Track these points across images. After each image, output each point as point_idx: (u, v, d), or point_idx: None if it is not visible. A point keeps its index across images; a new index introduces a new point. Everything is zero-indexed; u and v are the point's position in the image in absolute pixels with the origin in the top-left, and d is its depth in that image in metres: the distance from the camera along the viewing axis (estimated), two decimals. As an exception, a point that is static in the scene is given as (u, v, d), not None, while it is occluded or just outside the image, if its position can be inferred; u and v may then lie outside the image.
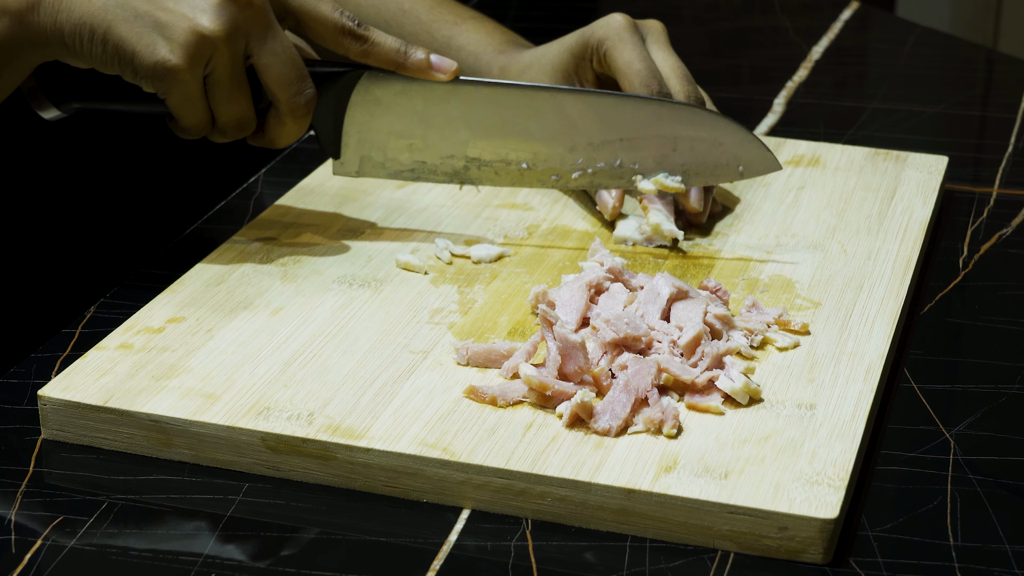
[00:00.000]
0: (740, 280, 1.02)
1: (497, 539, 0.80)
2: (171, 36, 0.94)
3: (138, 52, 0.94)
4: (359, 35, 1.01)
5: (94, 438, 0.87)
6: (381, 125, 1.06)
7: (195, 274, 1.01)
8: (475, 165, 1.07)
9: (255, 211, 1.15)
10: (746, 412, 0.86)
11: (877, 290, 1.00)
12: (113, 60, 0.95)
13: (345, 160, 1.07)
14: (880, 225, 1.09)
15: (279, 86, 0.99)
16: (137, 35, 0.94)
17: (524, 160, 1.06)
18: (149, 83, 0.96)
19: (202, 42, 0.95)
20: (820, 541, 0.78)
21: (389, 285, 1.01)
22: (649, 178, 1.05)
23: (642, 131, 1.05)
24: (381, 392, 0.88)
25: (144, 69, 0.95)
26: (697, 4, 1.71)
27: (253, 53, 0.98)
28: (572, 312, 0.94)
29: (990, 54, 1.61)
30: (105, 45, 0.95)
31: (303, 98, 1.00)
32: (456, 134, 1.06)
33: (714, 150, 1.05)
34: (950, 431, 0.88)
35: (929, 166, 1.19)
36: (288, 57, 0.99)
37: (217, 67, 0.96)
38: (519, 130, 1.05)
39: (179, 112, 0.98)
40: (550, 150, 1.06)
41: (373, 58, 1.03)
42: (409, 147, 1.06)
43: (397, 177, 1.07)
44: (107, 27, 0.94)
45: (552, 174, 1.06)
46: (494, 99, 1.05)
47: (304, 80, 1.00)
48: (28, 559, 0.78)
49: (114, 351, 0.92)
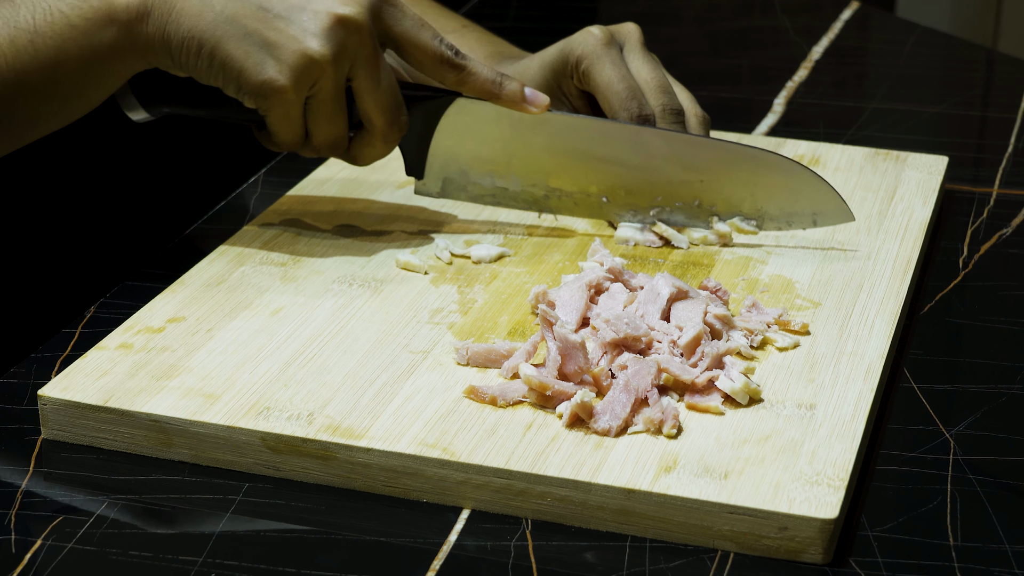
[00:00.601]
0: (740, 280, 1.02)
1: (497, 539, 0.80)
2: (280, 57, 0.96)
3: (246, 70, 0.96)
4: (457, 64, 1.03)
5: (94, 438, 0.87)
6: (467, 150, 1.08)
7: (195, 274, 1.01)
8: (555, 195, 1.09)
9: (255, 211, 1.15)
10: (746, 412, 0.86)
11: (877, 290, 1.00)
12: (218, 75, 0.97)
13: (428, 181, 1.09)
14: (880, 225, 1.09)
15: (377, 112, 1.01)
16: (246, 53, 0.95)
17: (604, 194, 1.08)
18: (252, 100, 0.98)
19: (310, 65, 0.96)
20: (820, 541, 0.78)
21: (389, 285, 1.01)
22: (726, 220, 1.07)
23: (722, 174, 1.06)
24: (381, 392, 0.88)
25: (250, 87, 0.96)
26: (697, 4, 1.71)
27: (356, 77, 0.99)
28: (572, 312, 0.94)
29: (990, 54, 1.61)
30: (212, 60, 0.96)
31: (397, 124, 1.02)
32: (539, 164, 1.08)
33: (790, 197, 1.06)
34: (950, 431, 0.88)
35: (929, 166, 1.19)
36: (388, 84, 1.00)
37: (321, 89, 0.98)
38: (602, 164, 1.07)
39: (276, 128, 1.00)
40: (630, 186, 1.07)
41: (468, 87, 1.04)
42: (492, 173, 1.08)
43: (478, 201, 1.09)
44: (215, 43, 0.95)
45: (630, 209, 1.08)
46: (579, 132, 1.06)
47: (400, 108, 1.02)
48: (28, 559, 0.78)
49: (114, 351, 0.92)
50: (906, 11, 2.72)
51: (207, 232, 1.12)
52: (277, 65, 0.96)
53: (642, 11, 1.66)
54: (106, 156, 1.24)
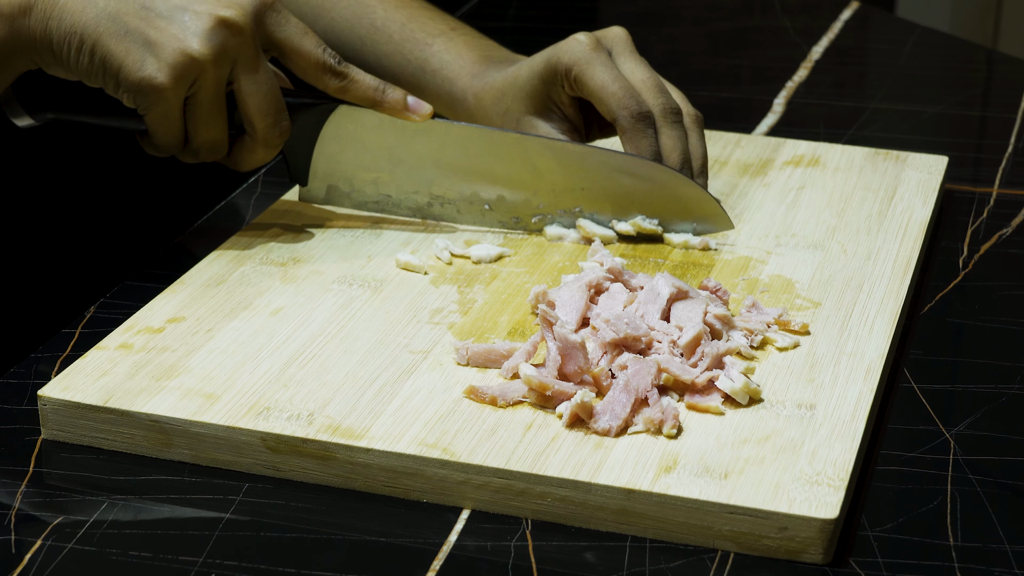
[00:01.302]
0: (740, 280, 1.02)
1: (497, 539, 0.80)
2: (160, 55, 0.96)
3: (125, 67, 0.96)
4: (339, 72, 1.04)
5: (94, 438, 0.87)
6: (350, 157, 1.08)
7: (195, 274, 1.01)
8: (439, 202, 1.09)
9: (255, 211, 1.15)
10: (746, 412, 0.86)
11: (877, 290, 1.00)
12: (99, 72, 0.96)
13: (312, 188, 1.09)
14: (880, 225, 1.09)
15: (258, 115, 1.01)
16: (126, 50, 0.95)
17: (487, 202, 1.08)
18: (131, 98, 0.97)
19: (190, 64, 0.96)
20: (820, 541, 0.78)
21: (389, 285, 1.01)
22: (627, 220, 1.07)
23: (602, 182, 1.07)
24: (381, 392, 0.88)
25: (129, 84, 0.96)
26: (697, 4, 1.71)
27: (236, 79, 1.00)
28: (572, 312, 0.94)
29: (990, 54, 1.61)
30: (92, 56, 0.96)
31: (278, 129, 1.02)
32: (423, 172, 1.08)
33: (670, 205, 1.07)
34: (950, 431, 0.88)
35: (929, 166, 1.19)
36: (269, 88, 1.01)
37: (201, 90, 0.98)
38: (485, 172, 1.08)
39: (156, 129, 0.99)
40: (513, 194, 1.08)
41: (351, 95, 1.05)
42: (376, 181, 1.09)
43: (362, 208, 1.10)
44: (96, 39, 0.95)
45: (513, 216, 1.08)
46: (463, 141, 1.07)
47: (281, 112, 1.02)
48: (28, 559, 0.78)
49: (114, 351, 0.92)
50: (906, 11, 2.72)
51: (207, 232, 1.12)
52: (157, 63, 0.96)
53: (642, 11, 1.66)
54: (106, 156, 1.24)
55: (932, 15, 2.74)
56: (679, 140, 1.06)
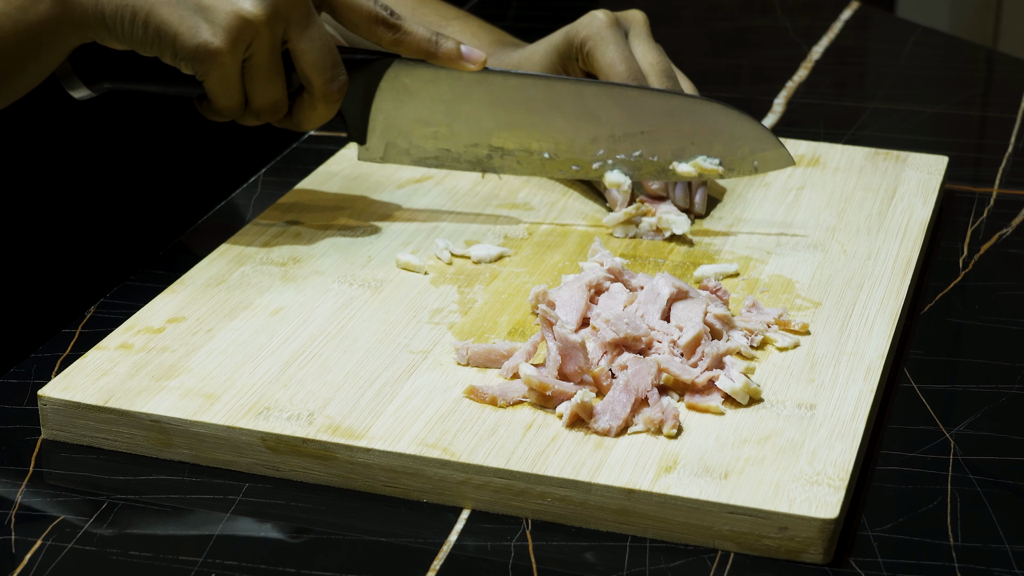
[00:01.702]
0: (740, 280, 1.02)
1: (497, 539, 0.80)
2: (214, 19, 0.96)
3: (180, 34, 0.96)
4: (392, 24, 1.03)
5: (94, 438, 0.87)
6: (408, 112, 1.08)
7: (195, 274, 1.01)
8: (498, 154, 1.09)
9: (255, 211, 1.15)
10: (746, 412, 0.86)
11: (877, 290, 1.00)
12: (154, 42, 0.97)
13: (371, 146, 1.09)
14: (880, 225, 1.09)
15: (314, 71, 1.00)
16: (179, 18, 0.95)
17: (546, 150, 1.08)
18: (189, 65, 0.97)
19: (244, 26, 0.96)
20: (820, 541, 0.78)
21: (389, 285, 1.01)
22: (688, 161, 1.07)
23: (662, 124, 1.06)
24: (381, 392, 0.88)
25: (185, 51, 0.96)
26: (697, 4, 1.71)
27: (291, 38, 0.99)
28: (572, 312, 0.94)
29: (990, 54, 1.61)
30: (147, 27, 0.96)
31: (336, 84, 1.02)
32: (481, 123, 1.08)
33: (730, 144, 1.06)
34: (950, 431, 0.88)
35: (929, 166, 1.19)
36: (324, 44, 1.00)
37: (257, 51, 0.98)
38: (542, 121, 1.07)
39: (215, 94, 0.99)
40: (572, 141, 1.08)
41: (404, 47, 1.04)
42: (434, 135, 1.08)
43: (421, 164, 1.09)
44: (149, 8, 0.95)
45: (573, 164, 1.08)
46: (519, 89, 1.07)
47: (338, 66, 1.02)
48: (28, 559, 0.78)
49: (114, 351, 0.92)
50: (906, 11, 2.72)
51: (207, 232, 1.12)
52: (211, 28, 0.96)
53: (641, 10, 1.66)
54: (106, 156, 1.24)
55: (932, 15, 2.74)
56: None
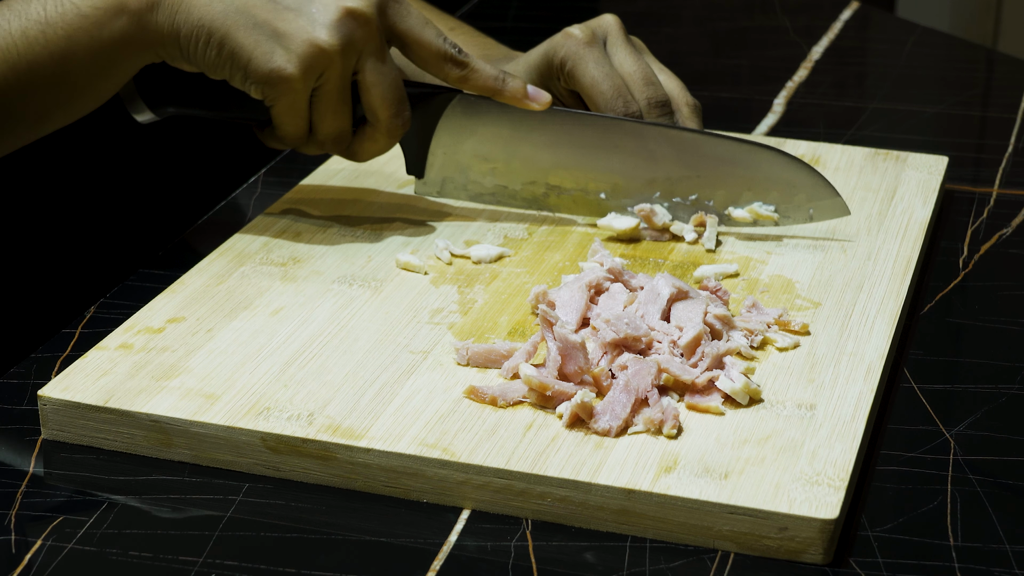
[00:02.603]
0: (740, 280, 1.02)
1: (497, 539, 0.80)
2: (289, 46, 0.97)
3: (254, 59, 0.97)
4: (460, 62, 1.04)
5: (94, 438, 0.87)
6: (467, 148, 1.08)
7: (195, 274, 1.01)
8: (555, 192, 1.09)
9: (255, 211, 1.15)
10: (746, 412, 0.86)
11: (877, 290, 1.00)
12: (226, 65, 0.98)
13: (428, 180, 1.10)
14: (880, 225, 1.09)
15: (382, 105, 1.02)
16: (255, 42, 0.97)
17: (603, 191, 1.08)
18: (259, 90, 0.99)
19: (319, 55, 0.97)
20: (820, 541, 0.78)
21: (389, 285, 1.01)
22: (744, 207, 1.07)
23: (719, 169, 1.07)
24: (381, 392, 0.88)
25: (258, 75, 0.97)
26: (697, 4, 1.71)
27: (362, 70, 1.01)
28: (572, 312, 0.94)
29: (990, 54, 1.61)
30: (221, 49, 0.97)
31: (401, 119, 1.03)
32: (539, 161, 1.08)
33: (787, 192, 1.07)
34: (950, 431, 0.88)
35: (929, 166, 1.19)
36: (393, 79, 1.02)
37: (328, 80, 0.99)
38: (601, 161, 1.08)
39: (282, 120, 1.01)
40: (629, 182, 1.08)
41: (471, 84, 1.05)
42: (492, 171, 1.09)
43: (477, 200, 1.10)
44: (225, 32, 0.97)
45: (629, 205, 1.08)
46: (579, 129, 1.07)
47: (404, 102, 1.03)
48: (28, 559, 0.78)
49: (114, 351, 0.92)
50: (906, 11, 2.72)
51: (207, 232, 1.12)
52: (286, 54, 0.97)
53: (642, 11, 1.66)
54: (106, 156, 1.24)
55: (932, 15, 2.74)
56: None
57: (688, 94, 1.10)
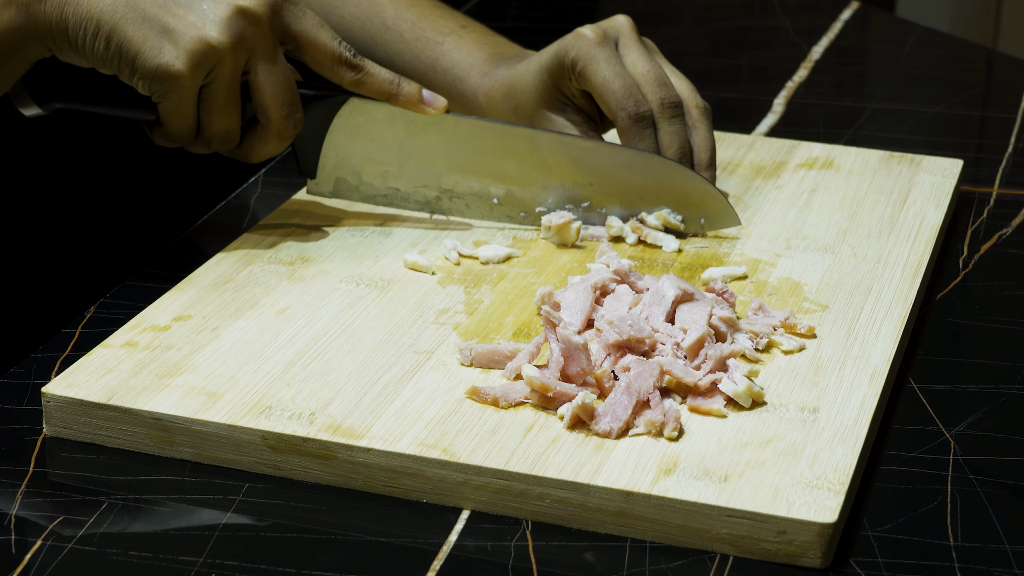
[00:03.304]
0: (748, 283, 1.01)
1: (497, 539, 0.80)
2: (178, 42, 0.96)
3: (142, 53, 0.96)
4: (354, 65, 1.04)
5: (97, 435, 0.87)
6: (360, 150, 1.08)
7: (203, 272, 1.01)
8: (447, 196, 1.09)
9: (256, 210, 1.15)
10: (748, 415, 0.86)
11: (886, 294, 0.99)
12: (114, 59, 0.96)
13: (320, 180, 1.09)
14: (892, 228, 1.09)
15: (273, 105, 1.01)
16: (143, 37, 0.96)
17: (496, 195, 1.08)
18: (147, 85, 0.97)
19: (208, 51, 0.96)
20: (819, 545, 0.77)
21: (396, 285, 1.00)
22: (653, 213, 1.07)
23: (613, 178, 1.07)
24: (384, 392, 0.88)
25: (146, 71, 0.96)
26: (697, 4, 1.71)
27: (252, 70, 1.00)
28: (577, 313, 0.94)
29: (990, 54, 1.61)
30: (108, 43, 0.96)
31: (292, 120, 1.02)
32: (432, 165, 1.08)
33: (678, 201, 1.07)
34: (950, 431, 0.88)
35: (943, 169, 1.18)
36: (285, 79, 1.01)
37: (217, 78, 0.98)
38: (494, 167, 1.08)
39: (169, 118, 1.00)
40: (523, 188, 1.08)
41: (366, 88, 1.05)
42: (384, 174, 1.09)
43: (370, 202, 1.10)
44: (113, 25, 0.95)
45: (521, 211, 1.09)
46: (473, 135, 1.07)
47: (296, 104, 1.02)
48: (28, 559, 0.78)
49: (119, 349, 0.92)
50: (906, 11, 2.72)
51: (207, 232, 1.12)
52: (175, 50, 0.96)
53: (642, 11, 1.66)
54: (106, 156, 1.24)
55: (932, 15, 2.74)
56: (676, 136, 1.07)
57: (698, 96, 1.10)
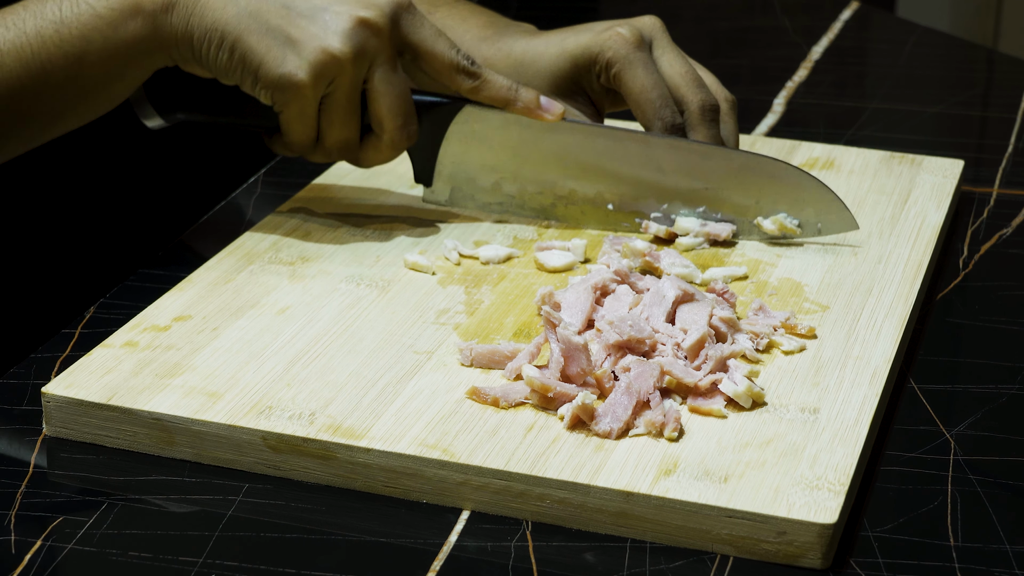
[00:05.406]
0: (749, 283, 1.01)
1: (497, 540, 0.80)
2: (301, 52, 0.98)
3: (265, 63, 0.97)
4: (472, 72, 1.04)
5: (97, 435, 0.87)
6: (475, 158, 1.08)
7: (204, 272, 1.01)
8: (563, 203, 1.09)
9: (255, 211, 1.15)
10: (749, 416, 0.86)
11: (886, 294, 0.99)
12: (237, 69, 0.98)
13: (436, 189, 1.10)
14: (892, 229, 1.09)
15: (389, 116, 1.02)
16: (267, 47, 0.97)
17: (611, 202, 1.08)
18: (269, 95, 0.99)
19: (330, 62, 0.98)
20: (819, 546, 0.77)
21: (397, 285, 1.00)
22: (769, 218, 1.06)
23: (728, 183, 1.07)
24: (384, 392, 0.88)
25: (269, 80, 0.98)
26: (697, 4, 1.71)
27: (372, 79, 1.01)
28: (577, 314, 0.94)
29: (990, 54, 1.61)
30: (232, 53, 0.97)
31: (407, 131, 1.03)
32: (548, 172, 1.08)
33: (795, 206, 1.06)
34: (950, 431, 0.88)
35: (944, 170, 1.18)
36: (402, 90, 1.02)
37: (338, 88, 1.00)
38: (610, 173, 1.07)
39: (290, 127, 1.01)
40: (638, 194, 1.08)
41: (484, 95, 1.05)
42: (500, 181, 1.09)
43: (485, 210, 1.09)
44: (237, 36, 0.97)
45: (636, 217, 1.08)
46: (589, 140, 1.07)
47: (412, 115, 1.03)
48: (28, 559, 0.78)
49: (119, 348, 0.92)
50: (906, 11, 2.72)
51: (206, 232, 1.12)
52: (298, 60, 0.98)
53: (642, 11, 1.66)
54: (106, 156, 1.24)
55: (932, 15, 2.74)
56: (712, 138, 1.07)
57: (725, 89, 1.10)
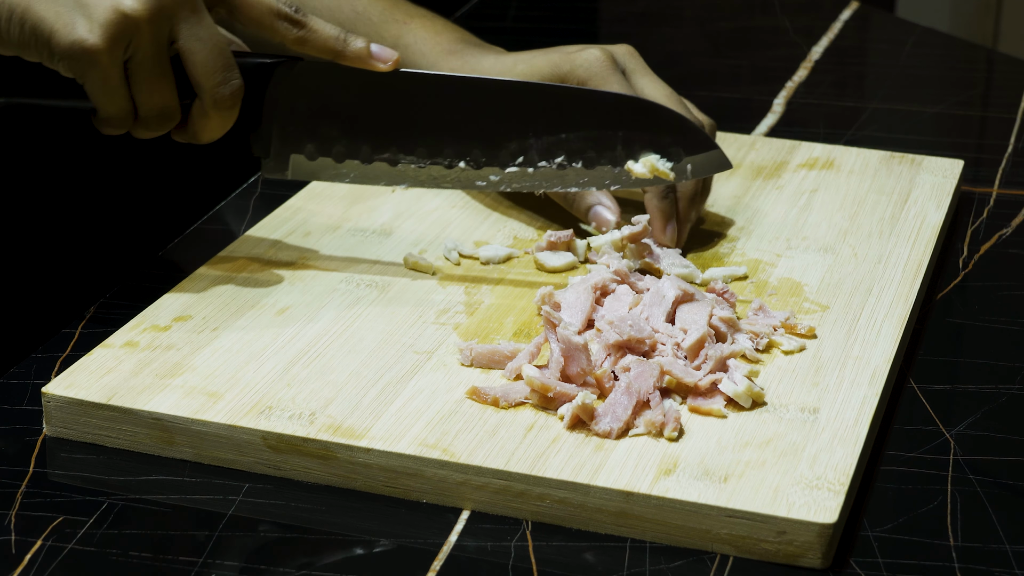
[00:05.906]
0: (749, 283, 1.01)
1: (497, 540, 0.80)
2: (91, 15, 0.90)
3: (56, 31, 0.90)
4: (296, 20, 0.97)
5: (97, 435, 0.87)
6: (308, 120, 1.00)
7: (203, 272, 1.01)
8: (411, 164, 1.01)
9: (254, 212, 1.15)
10: (748, 415, 0.86)
11: (886, 294, 0.99)
12: (31, 41, 0.91)
13: (274, 161, 1.02)
14: (892, 229, 1.09)
15: (204, 74, 0.94)
16: (56, 14, 0.90)
17: (463, 159, 1.01)
18: (67, 65, 0.92)
19: (123, 21, 0.90)
20: (819, 546, 0.77)
21: (397, 285, 1.00)
22: (640, 160, 1.00)
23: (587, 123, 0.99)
24: (384, 392, 0.88)
25: (61, 49, 0.91)
26: (697, 4, 1.71)
27: (178, 38, 0.93)
28: (577, 314, 0.94)
29: (990, 54, 1.61)
30: (23, 24, 0.91)
31: (228, 88, 0.95)
32: (392, 130, 1.00)
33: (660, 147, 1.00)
34: (950, 431, 0.88)
35: (944, 170, 1.18)
36: (214, 44, 0.94)
37: (139, 50, 0.92)
38: (458, 125, 1.00)
39: (97, 99, 0.93)
40: (490, 147, 1.00)
41: (310, 45, 0.97)
42: (339, 144, 1.01)
43: (332, 179, 1.01)
44: (26, 5, 0.90)
45: (491, 174, 1.01)
46: (432, 91, 0.99)
47: (231, 69, 0.95)
48: (28, 559, 0.78)
49: (119, 348, 0.92)
50: (906, 11, 2.72)
51: (207, 233, 1.12)
52: (88, 23, 0.90)
53: (642, 11, 1.66)
54: (106, 157, 1.24)
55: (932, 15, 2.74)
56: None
57: (702, 114, 1.07)
